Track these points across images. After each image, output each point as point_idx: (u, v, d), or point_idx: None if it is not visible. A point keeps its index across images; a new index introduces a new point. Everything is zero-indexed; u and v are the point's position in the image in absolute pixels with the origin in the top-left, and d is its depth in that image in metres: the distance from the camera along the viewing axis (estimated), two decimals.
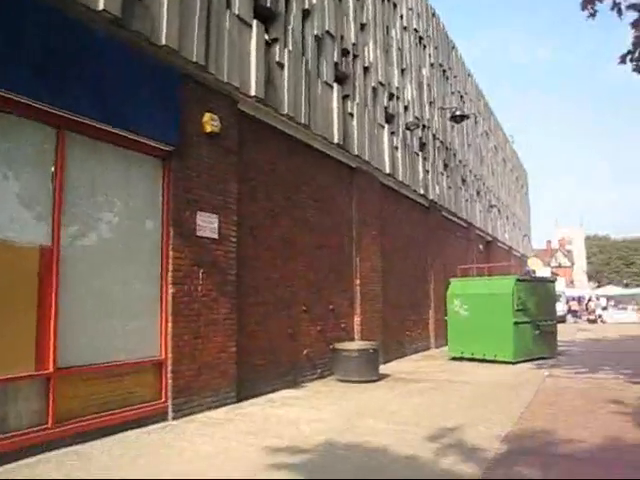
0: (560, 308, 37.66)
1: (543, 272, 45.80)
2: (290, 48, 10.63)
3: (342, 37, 12.94)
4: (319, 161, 11.85)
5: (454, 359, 14.58)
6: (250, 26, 9.61)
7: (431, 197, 18.41)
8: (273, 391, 9.68)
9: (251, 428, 7.06)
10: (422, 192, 17.52)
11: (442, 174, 20.09)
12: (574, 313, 44.13)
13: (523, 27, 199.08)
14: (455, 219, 21.70)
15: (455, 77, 23.42)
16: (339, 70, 12.69)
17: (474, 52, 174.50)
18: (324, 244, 11.82)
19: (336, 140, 12.06)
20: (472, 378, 11.22)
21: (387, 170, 14.75)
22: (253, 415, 7.88)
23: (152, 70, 7.57)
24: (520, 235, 39.42)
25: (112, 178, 7.13)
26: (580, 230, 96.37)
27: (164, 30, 7.55)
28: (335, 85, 12.33)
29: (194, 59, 8.08)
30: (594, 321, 36.51)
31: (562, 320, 37.10)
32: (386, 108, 15.22)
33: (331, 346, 11.31)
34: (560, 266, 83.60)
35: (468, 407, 8.20)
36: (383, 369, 12.56)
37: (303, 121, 10.79)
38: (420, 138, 17.84)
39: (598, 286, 77.44)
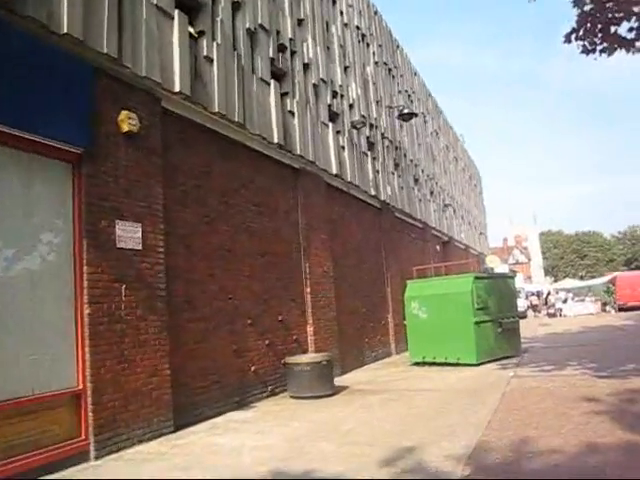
0: (521, 304, 37.76)
1: (501, 269, 46.05)
2: (219, 42, 9.84)
3: (278, 32, 12.21)
4: (258, 162, 11.07)
5: (416, 364, 13.94)
6: (171, 17, 8.78)
7: (383, 198, 17.82)
8: (218, 414, 8.80)
9: (185, 462, 6.19)
10: (373, 193, 16.91)
11: (393, 174, 19.57)
12: (534, 308, 44.42)
13: (460, 39, 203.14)
14: (410, 220, 21.21)
15: (401, 76, 23.01)
16: (276, 66, 11.95)
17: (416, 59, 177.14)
18: (268, 251, 11.03)
19: (276, 140, 11.29)
20: (434, 385, 10.57)
21: (334, 171, 14.07)
22: (191, 446, 7.00)
23: (56, 63, 6.68)
24: (476, 234, 39.42)
25: (8, 186, 6.18)
26: (534, 227, 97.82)
27: (64, 17, 6.64)
28: (272, 82, 11.57)
29: (104, 50, 7.20)
30: (554, 315, 36.67)
31: (523, 316, 37.17)
32: (330, 106, 14.56)
33: (283, 361, 10.50)
34: (518, 263, 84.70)
35: (430, 419, 7.50)
36: (341, 381, 11.83)
37: (237, 119, 9.99)
38: (368, 137, 17.24)
39: (555, 280, 78.73)
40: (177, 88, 8.58)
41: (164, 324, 7.76)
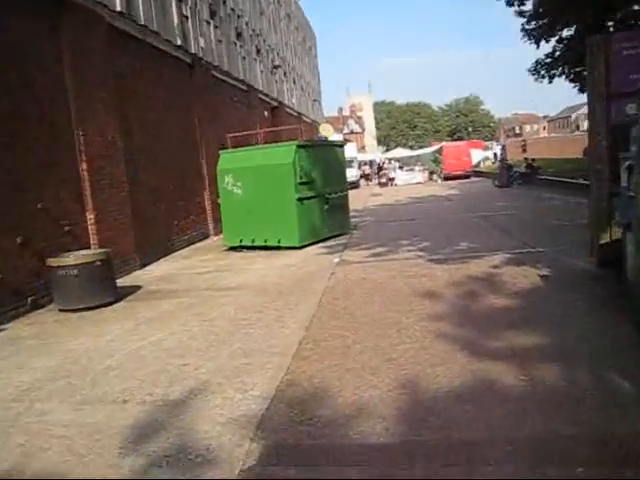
0: (353, 174, 37.30)
1: (335, 138, 45.05)
2: None
3: None
4: None
5: (232, 249, 11.98)
6: None
7: (194, 51, 14.67)
8: None
9: None
10: (179, 43, 13.71)
11: (209, 24, 16.27)
12: (367, 177, 44.60)
13: None
14: (231, 80, 18.27)
15: None
16: None
17: None
18: (15, 115, 7.88)
19: None
20: (244, 279, 8.66)
21: (118, 7, 10.68)
22: None
23: None
24: (310, 100, 37.40)
25: None
26: (369, 97, 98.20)
27: None
28: None
29: None
30: (385, 184, 36.75)
31: (356, 186, 36.89)
32: None
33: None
34: (352, 132, 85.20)
35: (225, 340, 5.51)
36: (135, 277, 9.67)
37: None
38: None
39: (387, 150, 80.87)
40: None
41: None
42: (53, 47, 8.95)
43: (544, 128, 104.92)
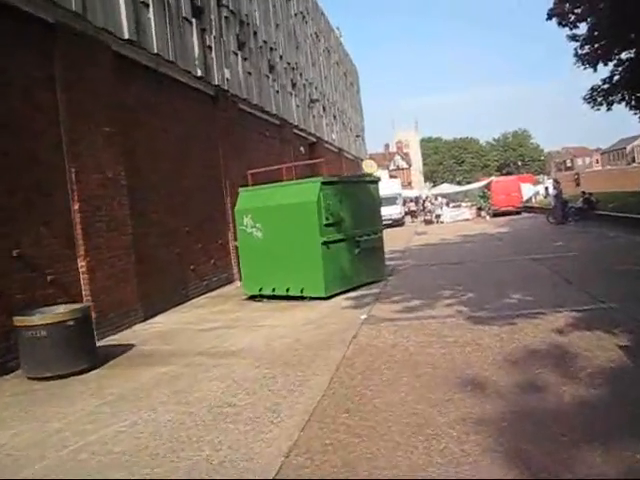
0: (397, 211, 35.80)
1: (381, 175, 43.72)
2: None
3: None
4: None
5: (252, 298, 10.64)
6: None
7: (217, 82, 13.69)
8: None
9: None
10: (200, 74, 12.75)
11: (236, 55, 15.36)
12: (412, 214, 42.99)
13: None
14: (262, 114, 17.28)
15: None
16: None
17: None
18: None
19: None
20: (250, 341, 7.23)
21: (126, 34, 9.73)
22: None
23: None
24: (352, 136, 36.36)
25: None
26: (415, 133, 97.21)
27: None
28: None
29: None
30: (430, 222, 35.04)
31: (401, 223, 35.37)
32: None
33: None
34: (398, 168, 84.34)
35: (189, 444, 4.07)
36: (134, 332, 8.68)
37: None
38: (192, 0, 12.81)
39: (434, 186, 79.09)
40: None
41: None
42: (43, 75, 7.97)
43: (597, 161, 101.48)
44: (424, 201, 40.62)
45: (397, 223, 35.09)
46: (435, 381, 4.78)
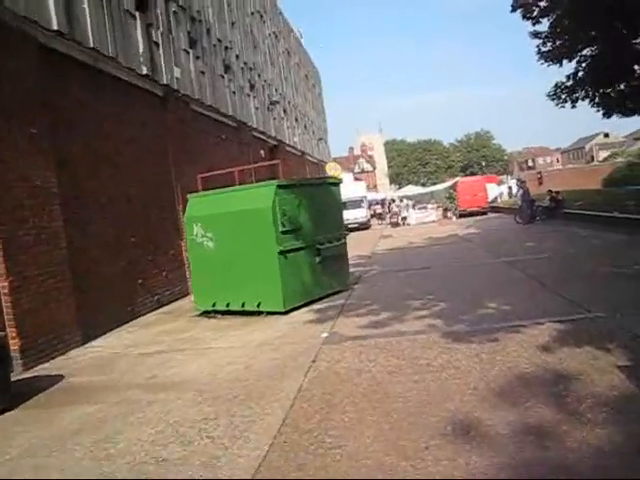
0: (363, 214, 35.15)
1: (345, 178, 43.07)
2: None
3: None
4: None
5: (206, 314, 9.71)
6: None
7: (165, 82, 12.73)
8: None
9: None
10: (146, 72, 11.77)
11: (187, 53, 14.42)
12: (379, 216, 42.44)
13: None
14: (216, 116, 16.33)
15: None
16: None
17: None
18: None
19: None
20: (196, 369, 6.28)
21: (54, 25, 8.72)
22: None
23: None
24: (315, 139, 35.59)
25: None
26: (380, 136, 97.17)
27: None
28: None
29: None
30: (397, 224, 34.49)
31: (366, 227, 34.72)
32: None
33: None
34: (363, 171, 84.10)
35: None
36: (69, 359, 7.70)
37: None
38: None
39: (399, 188, 79.00)
40: None
41: None
42: None
43: (557, 160, 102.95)
44: (390, 203, 40.02)
45: (363, 226, 34.46)
46: (408, 420, 3.97)
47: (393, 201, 39.11)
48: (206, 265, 9.65)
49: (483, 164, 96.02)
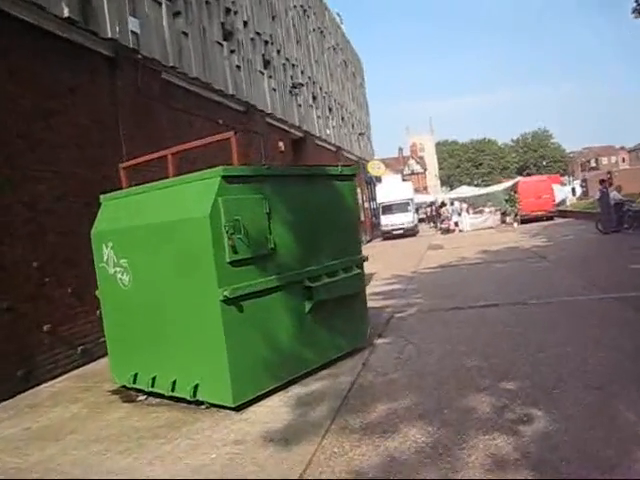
0: (410, 219, 30.93)
1: (393, 179, 38.92)
2: None
3: None
4: None
5: (125, 390, 5.88)
6: None
7: (112, 36, 8.95)
8: None
9: None
10: (77, 19, 8.02)
11: (158, 3, 10.67)
12: (431, 219, 38.17)
13: None
14: (207, 93, 12.51)
15: None
16: None
17: None
18: None
19: None
20: None
21: None
22: None
23: None
24: (354, 134, 31.51)
25: None
26: (431, 137, 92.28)
27: None
28: None
29: None
30: (448, 230, 30.02)
31: (413, 233, 30.55)
32: None
33: None
34: (413, 173, 79.96)
35: None
36: None
37: None
38: None
39: (451, 190, 74.06)
40: None
41: None
42: None
43: (623, 160, 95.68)
44: (439, 207, 35.38)
45: (409, 232, 30.30)
46: None
47: (444, 204, 34.50)
48: (122, 312, 5.79)
49: (544, 163, 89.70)
